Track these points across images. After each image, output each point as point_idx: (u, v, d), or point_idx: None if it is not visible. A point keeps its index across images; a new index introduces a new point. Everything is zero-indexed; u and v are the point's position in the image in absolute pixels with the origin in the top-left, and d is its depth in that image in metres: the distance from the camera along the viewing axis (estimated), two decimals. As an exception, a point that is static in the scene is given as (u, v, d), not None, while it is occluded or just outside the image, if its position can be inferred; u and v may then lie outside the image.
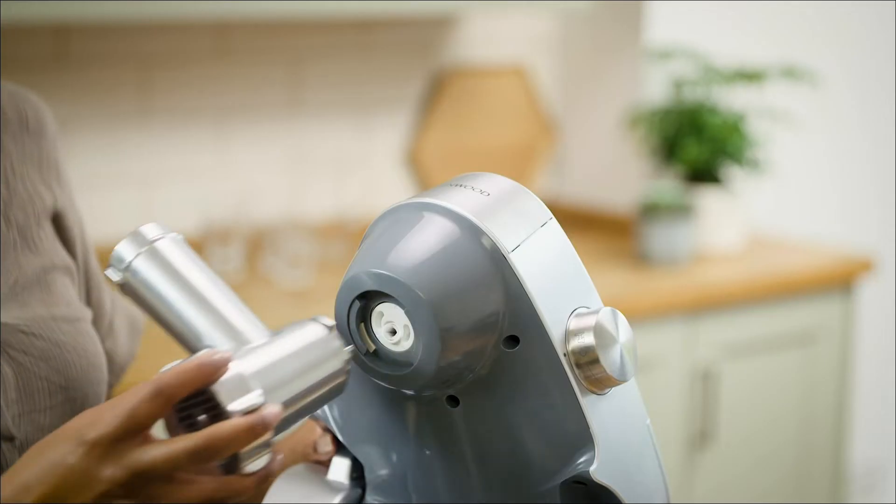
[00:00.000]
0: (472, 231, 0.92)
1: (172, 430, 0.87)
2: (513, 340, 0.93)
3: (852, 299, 2.88)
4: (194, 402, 0.86)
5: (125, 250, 0.92)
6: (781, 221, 3.28)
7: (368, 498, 1.02)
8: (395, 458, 1.00)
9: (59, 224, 1.16)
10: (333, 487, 1.02)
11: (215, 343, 0.90)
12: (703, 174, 2.91)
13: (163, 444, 0.85)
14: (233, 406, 0.85)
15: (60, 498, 0.86)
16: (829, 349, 2.86)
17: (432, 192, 0.95)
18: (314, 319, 0.93)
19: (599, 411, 0.94)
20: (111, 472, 0.85)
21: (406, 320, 0.91)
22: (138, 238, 0.93)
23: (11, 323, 1.06)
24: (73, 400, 1.09)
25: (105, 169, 2.61)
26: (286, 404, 0.87)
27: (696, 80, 2.95)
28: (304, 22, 2.79)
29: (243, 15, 2.41)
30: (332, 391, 0.92)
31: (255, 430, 0.84)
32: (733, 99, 3.00)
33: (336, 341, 0.91)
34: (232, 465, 0.86)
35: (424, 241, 0.92)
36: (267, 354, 0.89)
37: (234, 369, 0.86)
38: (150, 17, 2.29)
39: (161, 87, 2.66)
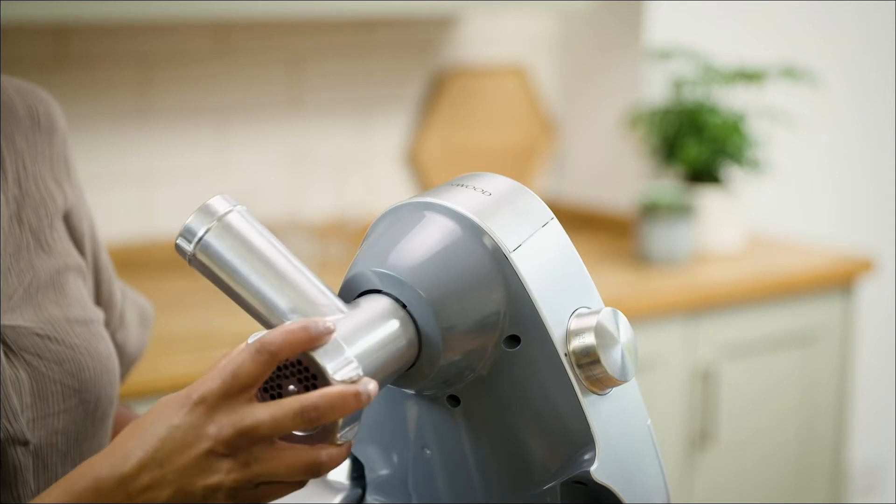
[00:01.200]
0: (473, 231, 0.92)
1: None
2: (514, 340, 0.93)
3: (852, 299, 2.88)
4: (285, 374, 0.86)
5: (196, 224, 0.91)
6: (781, 221, 3.28)
7: (368, 498, 1.02)
8: (395, 457, 1.00)
9: (69, 222, 1.15)
10: (333, 487, 1.02)
11: (294, 315, 0.89)
12: (703, 174, 2.91)
13: (269, 404, 0.84)
14: (338, 375, 0.84)
15: (163, 461, 0.85)
16: (829, 349, 2.86)
17: (434, 192, 0.95)
18: (382, 293, 0.92)
19: (600, 411, 0.94)
20: (216, 429, 0.84)
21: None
22: (208, 211, 0.92)
23: (27, 326, 1.06)
24: (86, 402, 1.09)
25: (105, 169, 2.61)
26: (374, 377, 0.88)
27: (696, 80, 2.95)
28: (304, 22, 2.79)
29: (243, 15, 2.41)
30: (402, 366, 0.92)
31: (359, 399, 0.84)
32: (733, 99, 3.00)
33: (403, 313, 0.91)
34: (325, 434, 0.86)
35: (426, 240, 0.92)
36: (354, 327, 0.88)
37: (333, 340, 0.86)
38: (150, 16, 2.29)
39: (161, 86, 2.66)
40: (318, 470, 0.86)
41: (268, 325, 0.91)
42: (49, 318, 1.08)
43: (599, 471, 0.94)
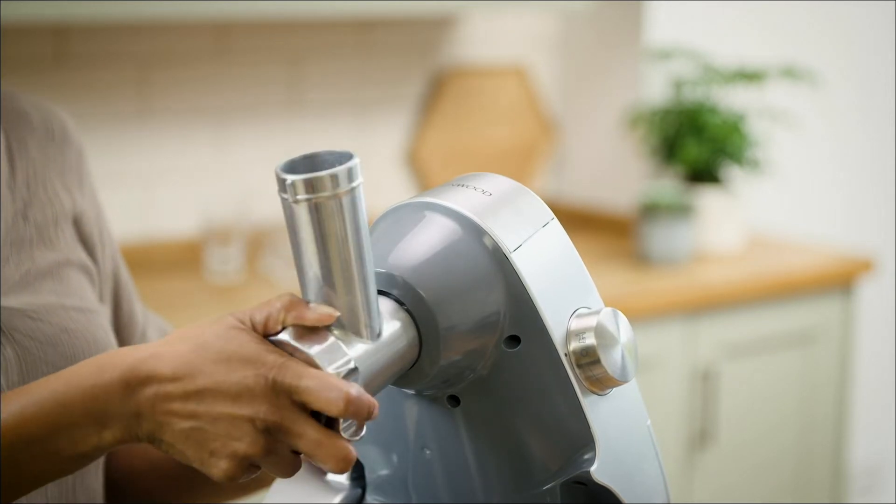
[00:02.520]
0: (473, 231, 0.92)
1: None
2: (514, 340, 0.93)
3: (852, 299, 2.88)
4: None
5: (342, 178, 0.87)
6: (781, 221, 3.28)
7: (368, 498, 1.02)
8: (395, 458, 1.00)
9: (79, 228, 1.16)
10: (333, 487, 1.02)
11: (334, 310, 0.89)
12: (703, 174, 2.91)
13: (324, 431, 0.86)
14: (347, 435, 0.87)
15: (204, 399, 0.86)
16: (829, 349, 2.86)
17: (434, 192, 0.95)
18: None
19: (600, 412, 0.94)
20: (269, 409, 0.85)
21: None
22: (349, 174, 0.87)
23: (19, 308, 1.07)
24: None
25: (105, 169, 2.61)
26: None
27: (696, 80, 2.96)
28: (304, 22, 2.79)
29: (243, 15, 2.41)
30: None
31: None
32: (733, 99, 3.00)
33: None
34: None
35: (426, 240, 0.92)
36: (374, 369, 0.89)
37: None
38: (150, 17, 2.29)
39: (161, 87, 2.66)
40: (294, 473, 0.89)
41: (304, 295, 0.90)
42: (44, 303, 1.09)
43: (599, 471, 0.93)
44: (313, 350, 0.86)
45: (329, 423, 0.87)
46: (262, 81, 2.77)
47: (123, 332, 1.21)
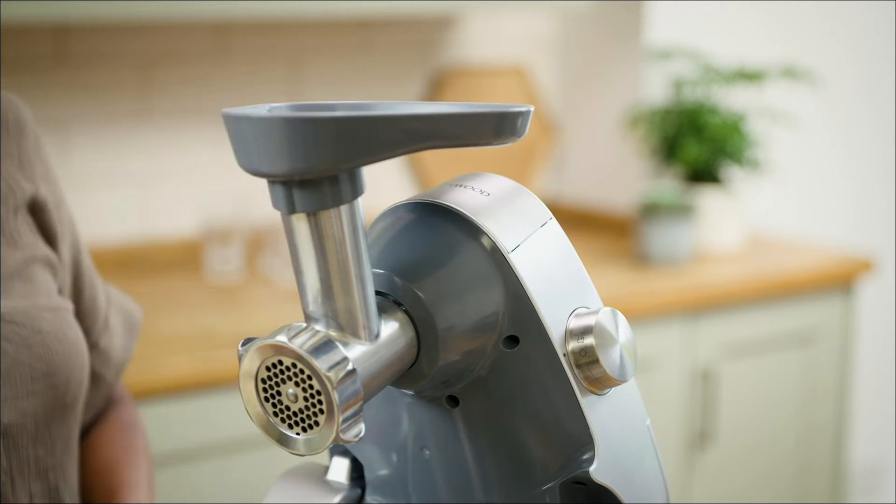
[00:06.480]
0: (471, 231, 0.92)
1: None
2: (512, 340, 0.93)
3: (852, 299, 2.88)
4: (283, 377, 0.85)
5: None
6: (781, 221, 3.28)
7: (368, 498, 1.02)
8: (394, 458, 1.00)
9: (40, 217, 1.16)
10: (333, 487, 1.02)
11: (327, 320, 0.88)
12: (703, 174, 2.91)
13: None
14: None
15: None
16: (829, 349, 2.86)
17: (432, 192, 0.95)
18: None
19: (599, 411, 0.94)
20: None
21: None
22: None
23: None
24: (55, 386, 1.11)
25: (105, 169, 2.61)
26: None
27: (696, 80, 2.96)
28: (304, 21, 2.79)
29: (243, 14, 2.41)
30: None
31: None
32: (733, 99, 3.00)
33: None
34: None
35: (424, 240, 0.92)
36: (372, 370, 0.88)
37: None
38: (150, 17, 2.29)
39: (161, 87, 2.66)
40: None
41: (302, 297, 0.89)
42: (16, 306, 1.10)
43: (599, 471, 0.93)
44: (310, 352, 0.86)
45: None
46: (262, 81, 2.77)
47: (86, 321, 1.22)
